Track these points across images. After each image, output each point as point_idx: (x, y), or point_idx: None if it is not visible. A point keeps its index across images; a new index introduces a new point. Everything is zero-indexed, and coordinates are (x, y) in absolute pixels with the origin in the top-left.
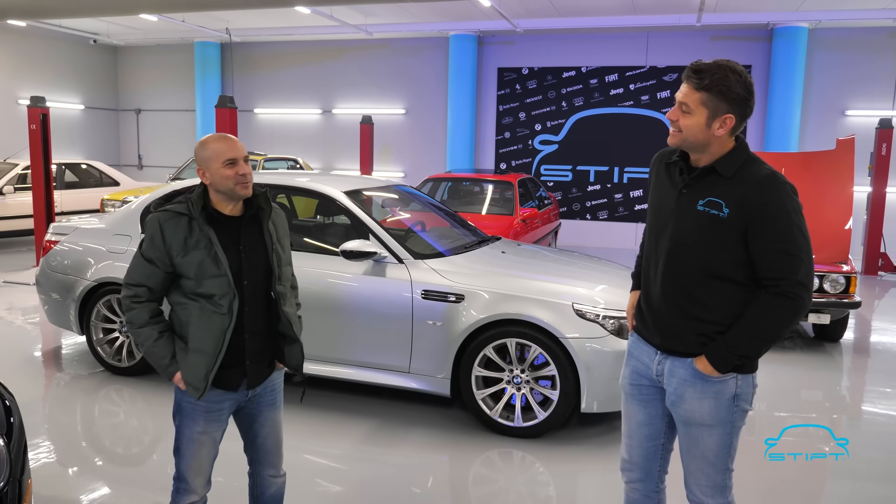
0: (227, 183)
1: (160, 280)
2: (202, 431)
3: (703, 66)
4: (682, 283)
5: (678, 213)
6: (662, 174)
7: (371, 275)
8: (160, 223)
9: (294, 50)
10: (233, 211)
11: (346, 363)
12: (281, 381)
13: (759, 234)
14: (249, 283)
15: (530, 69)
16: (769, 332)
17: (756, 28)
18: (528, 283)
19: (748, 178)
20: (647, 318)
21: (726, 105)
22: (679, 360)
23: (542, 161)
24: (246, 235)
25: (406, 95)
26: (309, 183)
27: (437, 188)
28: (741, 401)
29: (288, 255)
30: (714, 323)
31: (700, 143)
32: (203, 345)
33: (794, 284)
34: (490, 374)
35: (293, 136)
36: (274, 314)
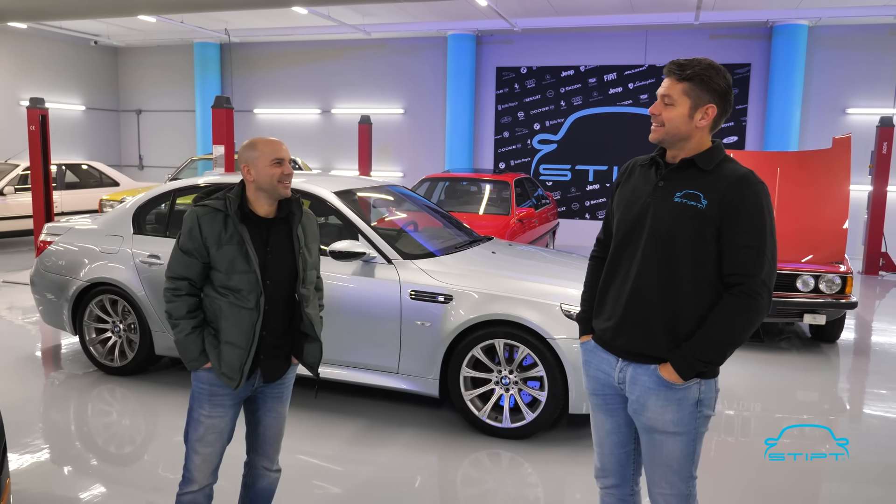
0: (272, 181)
1: (199, 271)
2: (208, 415)
3: (684, 60)
4: (660, 279)
5: (654, 205)
6: (636, 174)
7: (360, 275)
8: (198, 217)
9: (293, 50)
10: (267, 212)
11: (335, 363)
12: (292, 377)
13: (732, 229)
14: (272, 283)
15: (529, 68)
16: (734, 335)
17: (755, 26)
18: (517, 284)
19: (726, 175)
20: (611, 318)
21: (708, 95)
22: (641, 368)
23: (541, 160)
24: (275, 237)
25: (405, 95)
26: (300, 183)
27: (434, 188)
28: (704, 407)
29: (315, 260)
30: (685, 325)
31: (682, 136)
32: (234, 338)
33: (757, 283)
34: (478, 374)
35: (292, 136)
36: (296, 314)
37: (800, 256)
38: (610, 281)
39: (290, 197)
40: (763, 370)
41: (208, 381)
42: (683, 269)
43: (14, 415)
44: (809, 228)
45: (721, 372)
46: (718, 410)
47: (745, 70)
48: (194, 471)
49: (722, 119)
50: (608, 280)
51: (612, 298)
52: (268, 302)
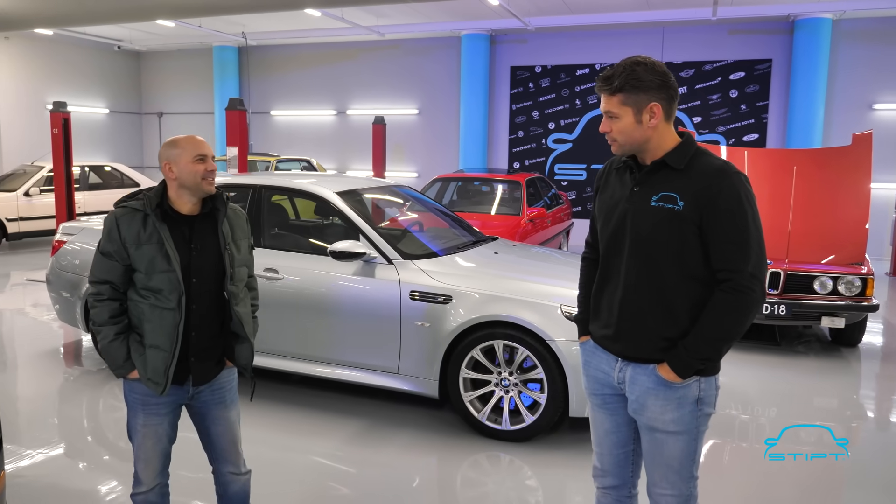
0: (195, 178)
1: (120, 274)
2: (143, 424)
3: (609, 71)
4: (648, 284)
5: (633, 211)
6: (612, 178)
7: (360, 275)
8: (116, 218)
9: (308, 52)
10: (190, 210)
11: (335, 363)
12: (232, 380)
13: (713, 225)
14: (198, 282)
15: (543, 67)
16: (727, 330)
17: (776, 20)
18: (517, 285)
19: (700, 170)
20: (607, 325)
21: (645, 95)
22: (640, 367)
23: (556, 160)
24: (199, 234)
25: (419, 95)
26: (303, 184)
27: (445, 188)
28: (704, 405)
29: (244, 256)
30: (680, 325)
31: (640, 142)
32: (158, 341)
33: (745, 277)
34: (478, 376)
35: (308, 138)
36: (225, 313)
37: (818, 257)
38: (602, 288)
39: (214, 193)
40: (775, 374)
41: (140, 389)
42: (669, 271)
43: (29, 407)
44: (828, 228)
45: (733, 375)
46: (730, 415)
47: (765, 66)
48: (140, 473)
49: (672, 107)
50: (601, 287)
51: (605, 306)
52: (194, 301)
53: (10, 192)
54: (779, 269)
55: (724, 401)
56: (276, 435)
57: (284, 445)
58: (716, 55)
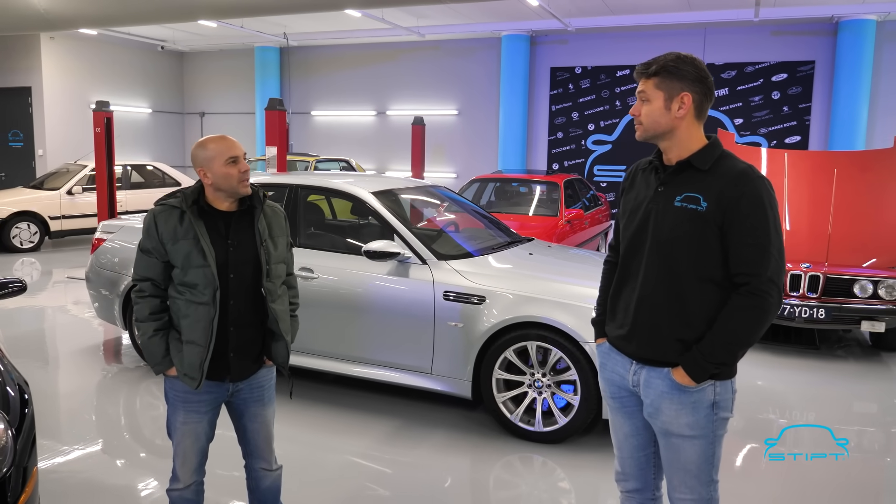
0: (230, 181)
1: (160, 271)
2: (183, 422)
3: (649, 59)
4: (665, 284)
5: (656, 211)
6: (638, 179)
7: (395, 275)
8: (154, 216)
9: (349, 53)
10: (228, 207)
11: (370, 363)
12: (271, 378)
13: (734, 227)
14: (236, 277)
15: (583, 68)
16: (743, 335)
17: (819, 22)
18: (551, 286)
19: (724, 172)
20: (622, 325)
21: (679, 83)
22: (655, 371)
23: (595, 161)
24: (236, 230)
25: (458, 96)
26: (339, 184)
27: (483, 189)
28: (720, 409)
29: (281, 253)
30: (695, 328)
31: (664, 129)
32: (194, 336)
33: (763, 281)
34: (511, 377)
35: (348, 138)
36: (264, 310)
37: (859, 261)
38: (620, 289)
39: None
40: (814, 378)
41: (180, 387)
42: (689, 272)
43: (67, 404)
44: (869, 232)
45: (771, 379)
46: (770, 419)
47: (808, 67)
48: (178, 470)
49: (705, 105)
50: (618, 288)
51: (622, 306)
52: (232, 297)
53: (54, 190)
54: (818, 273)
55: (762, 405)
56: (309, 433)
57: (318, 444)
58: (758, 56)
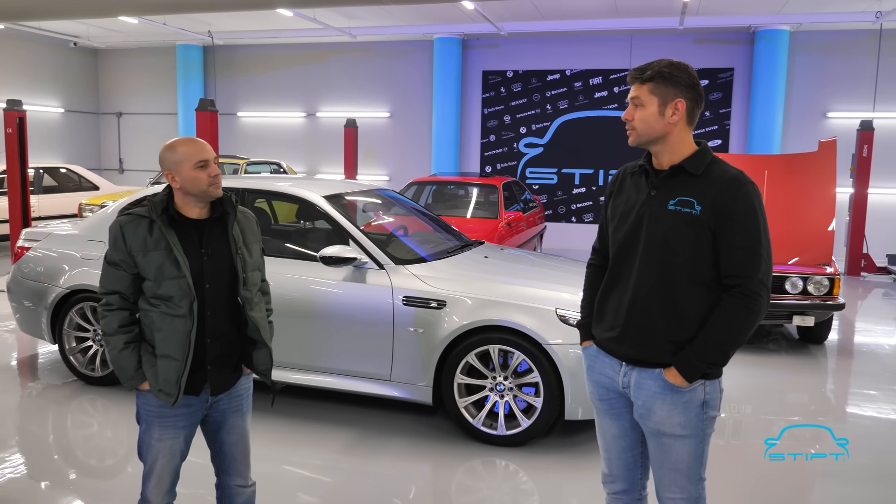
0: (200, 185)
1: (129, 284)
2: (158, 438)
3: (643, 65)
4: (659, 286)
5: (649, 214)
6: (627, 183)
7: (351, 281)
8: (121, 226)
9: (278, 53)
10: (199, 214)
11: (326, 371)
12: (249, 387)
13: (726, 231)
14: (211, 287)
15: (515, 72)
16: (734, 335)
17: (738, 31)
18: (511, 289)
19: (717, 177)
20: (613, 327)
21: (674, 89)
22: (646, 372)
23: (527, 164)
24: (209, 239)
25: (391, 98)
26: (288, 187)
27: (421, 192)
28: (709, 408)
29: (256, 260)
30: (687, 329)
31: (657, 135)
32: (169, 350)
33: (755, 283)
34: (473, 381)
35: (277, 140)
36: (241, 319)
37: (787, 259)
38: (609, 291)
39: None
40: (754, 372)
41: (156, 402)
42: (682, 275)
43: None
44: (797, 231)
45: None
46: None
47: (728, 74)
48: (149, 492)
49: (696, 112)
50: (608, 290)
51: (612, 308)
52: (209, 307)
53: None
54: None
55: None
56: (265, 447)
57: (276, 458)
58: None
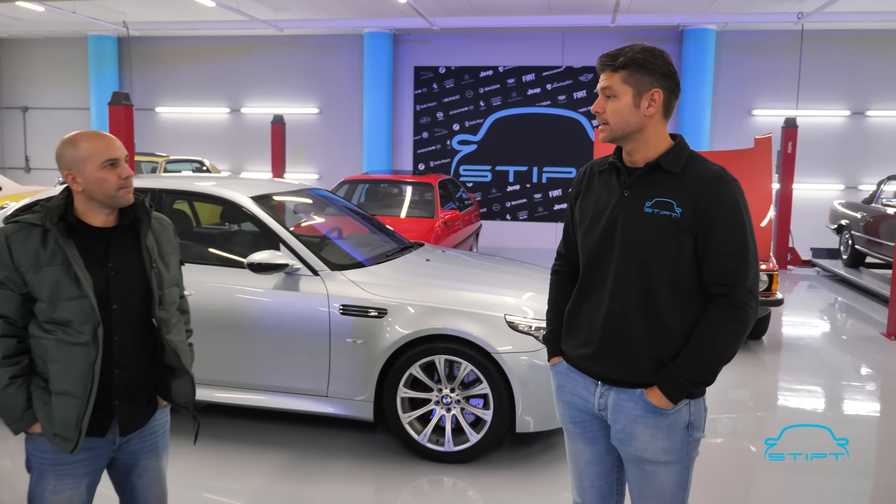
0: (108, 188)
1: (16, 306)
2: (53, 490)
3: (614, 51)
4: (638, 298)
5: (623, 218)
6: (596, 182)
7: (283, 289)
8: (6, 237)
9: (199, 45)
10: (105, 222)
11: (256, 388)
12: (165, 422)
13: (711, 234)
14: (120, 308)
15: (447, 68)
16: (723, 350)
17: (667, 30)
18: (457, 294)
19: (698, 175)
20: (587, 344)
21: (649, 78)
22: (625, 393)
23: (461, 161)
24: (117, 251)
25: (319, 94)
26: (212, 188)
27: (353, 191)
28: (695, 430)
29: (174, 275)
30: (670, 345)
31: (632, 129)
32: (67, 385)
33: (743, 293)
34: (417, 394)
35: (199, 137)
36: (157, 344)
37: None
38: (581, 303)
39: (134, 200)
40: None
41: (50, 448)
42: (661, 284)
43: None
44: None
45: None
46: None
47: None
48: None
49: (673, 102)
50: (578, 302)
51: (584, 322)
52: (116, 332)
53: None
54: None
55: None
56: (191, 475)
57: (198, 484)
58: None
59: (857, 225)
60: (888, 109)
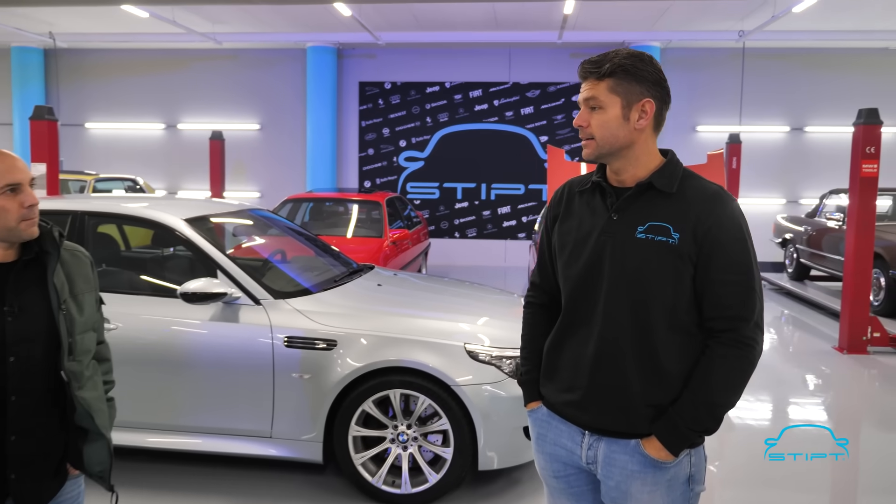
0: (7, 219)
1: None
2: None
3: (596, 56)
4: (632, 336)
5: (612, 245)
6: (577, 204)
7: (221, 320)
8: None
9: (133, 58)
10: (2, 257)
11: (192, 431)
12: (79, 493)
13: (712, 262)
14: (18, 361)
15: (393, 84)
16: (729, 393)
17: (613, 46)
18: (412, 322)
19: (696, 196)
20: (572, 388)
21: (640, 87)
22: (618, 444)
23: (407, 178)
24: (16, 290)
25: (261, 110)
26: (142, 209)
27: (297, 210)
28: (696, 483)
29: (89, 317)
30: (669, 389)
31: (622, 144)
32: None
33: (750, 328)
34: (370, 432)
35: (132, 154)
36: (66, 402)
37: None
38: (563, 341)
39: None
40: None
41: None
42: (659, 320)
43: None
44: None
45: None
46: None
47: None
48: None
49: (664, 114)
50: (560, 339)
51: (568, 363)
52: (14, 391)
53: None
54: None
55: None
56: None
57: None
58: (559, 77)
59: (801, 238)
60: (825, 125)
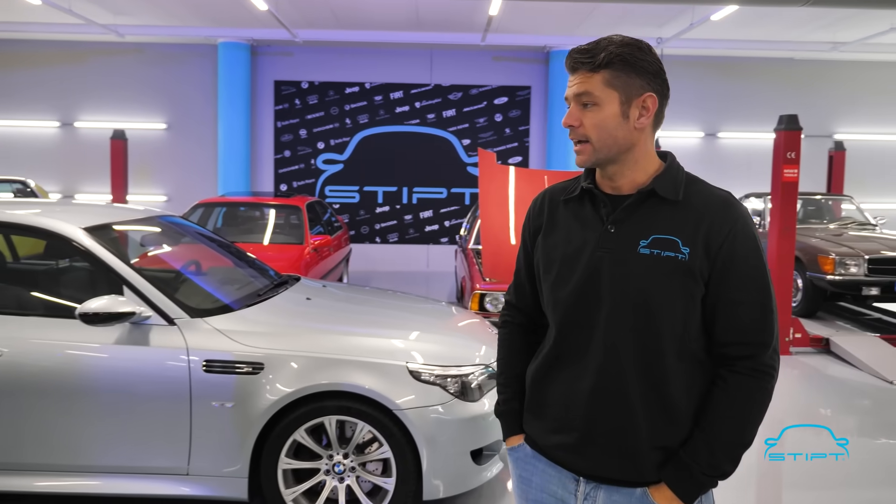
0: None
1: None
2: None
3: (586, 45)
4: (637, 367)
5: (611, 261)
6: (562, 214)
7: (128, 343)
8: None
9: (23, 50)
10: None
11: (93, 471)
12: None
13: (728, 280)
14: None
15: (310, 83)
16: (748, 429)
17: (534, 50)
18: (347, 341)
19: (704, 204)
20: (565, 428)
21: (640, 80)
22: (620, 493)
23: (326, 181)
24: None
25: (167, 108)
26: (33, 217)
27: (209, 215)
28: None
29: None
30: (680, 427)
31: (620, 147)
32: None
33: (769, 355)
34: (303, 464)
35: (22, 154)
36: None
37: None
38: (551, 373)
39: None
40: None
41: None
42: (669, 349)
43: None
44: None
45: None
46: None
47: (526, 92)
48: None
49: (664, 110)
50: (546, 373)
51: (558, 398)
52: None
53: None
54: None
55: None
56: None
57: None
58: (481, 80)
59: None
60: (736, 131)
